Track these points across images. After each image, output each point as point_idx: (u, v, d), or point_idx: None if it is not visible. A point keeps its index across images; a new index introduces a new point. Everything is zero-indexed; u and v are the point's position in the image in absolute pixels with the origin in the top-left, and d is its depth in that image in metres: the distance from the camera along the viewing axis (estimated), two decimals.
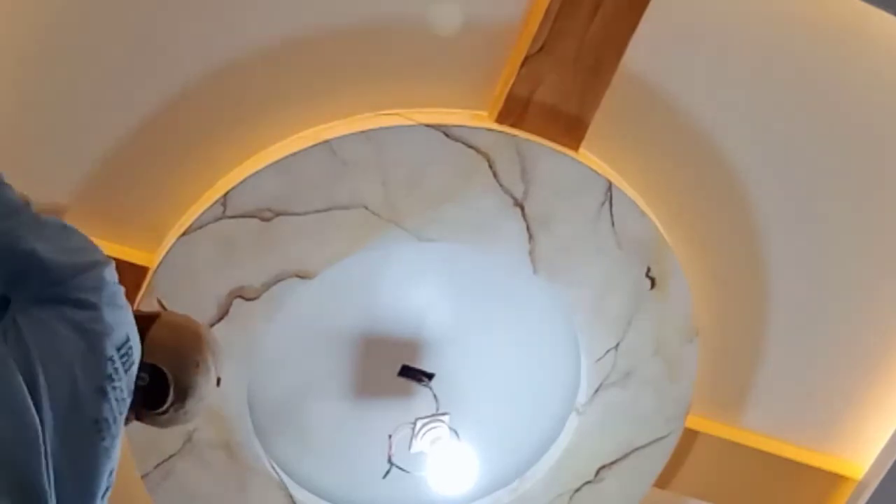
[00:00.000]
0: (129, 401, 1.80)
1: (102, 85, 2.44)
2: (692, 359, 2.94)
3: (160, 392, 1.90)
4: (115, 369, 1.75)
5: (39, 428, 1.64)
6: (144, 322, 1.93)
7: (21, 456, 1.62)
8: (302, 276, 2.60)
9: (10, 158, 2.48)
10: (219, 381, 2.00)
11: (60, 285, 1.71)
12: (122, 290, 1.80)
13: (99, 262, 1.78)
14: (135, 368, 1.82)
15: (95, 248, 1.80)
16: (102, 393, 1.73)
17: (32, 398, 1.64)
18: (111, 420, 1.75)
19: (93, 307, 1.73)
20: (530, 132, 2.61)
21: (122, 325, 1.78)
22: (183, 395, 1.91)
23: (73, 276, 1.72)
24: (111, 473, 1.83)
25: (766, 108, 2.73)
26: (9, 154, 2.48)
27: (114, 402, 1.75)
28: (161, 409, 1.92)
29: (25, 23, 2.34)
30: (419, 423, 2.87)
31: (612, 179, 2.68)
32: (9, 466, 1.61)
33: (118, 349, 1.77)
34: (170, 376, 1.90)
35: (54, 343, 1.68)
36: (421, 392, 2.89)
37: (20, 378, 1.63)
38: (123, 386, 1.78)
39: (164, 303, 2.54)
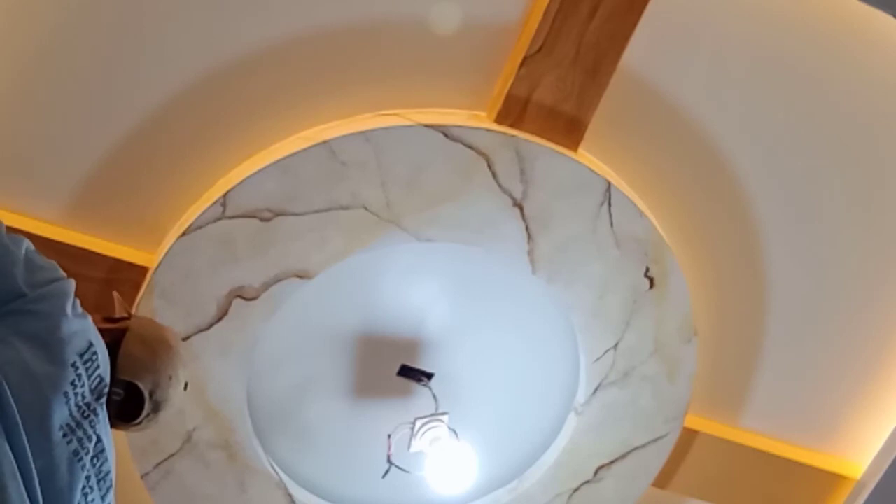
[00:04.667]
0: (95, 404, 1.83)
1: (102, 85, 2.44)
2: (691, 358, 2.94)
3: (135, 405, 1.94)
4: (79, 375, 1.78)
5: (10, 455, 1.65)
6: (115, 335, 1.95)
7: None
8: (302, 276, 2.61)
9: (10, 159, 2.49)
10: (186, 385, 2.04)
11: (19, 300, 1.73)
12: (78, 301, 1.83)
13: (58, 278, 1.81)
14: (100, 373, 1.84)
15: (55, 267, 1.84)
16: (67, 398, 1.75)
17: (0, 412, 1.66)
18: (74, 425, 1.77)
19: (50, 317, 1.75)
20: (529, 132, 2.61)
21: (82, 332, 1.81)
22: (157, 407, 1.96)
23: (33, 290, 1.74)
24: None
25: (765, 108, 2.74)
26: (9, 154, 2.48)
27: (74, 408, 1.77)
28: (135, 422, 1.96)
29: (24, 22, 2.35)
30: (418, 423, 2.87)
31: (611, 179, 2.69)
32: None
33: (80, 355, 1.79)
34: (145, 393, 1.93)
35: (15, 357, 1.69)
36: (420, 392, 2.90)
37: None
38: (86, 391, 1.80)
39: (164, 302, 2.54)
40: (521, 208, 2.66)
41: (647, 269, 2.80)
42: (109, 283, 2.54)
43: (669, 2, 2.56)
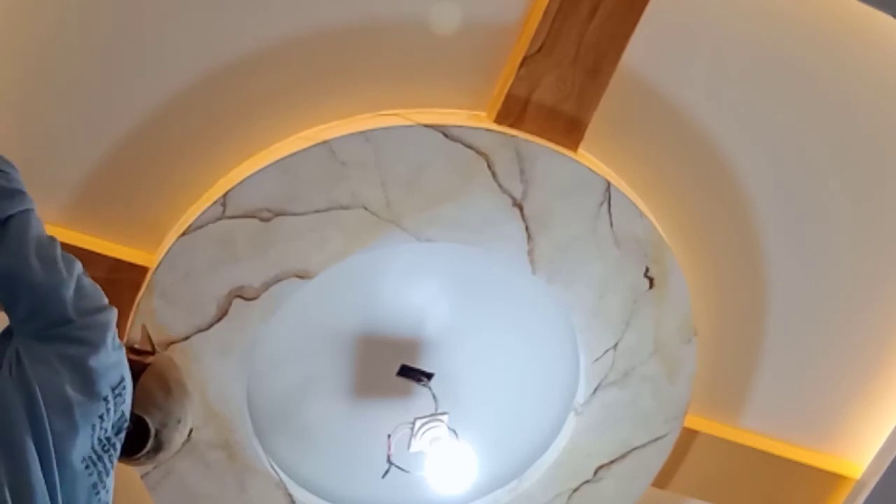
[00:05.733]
0: (115, 439, 1.85)
1: (102, 85, 2.44)
2: (691, 358, 2.94)
3: (138, 440, 1.96)
4: (108, 409, 1.81)
5: (42, 480, 1.69)
6: (136, 367, 1.97)
7: None
8: (301, 277, 2.61)
9: (10, 159, 2.49)
10: (190, 432, 2.06)
11: (66, 325, 1.76)
12: (116, 332, 1.86)
13: (104, 307, 1.85)
14: (124, 408, 1.86)
15: (101, 294, 1.87)
16: (93, 430, 1.78)
17: (34, 434, 1.68)
18: (96, 458, 1.80)
19: (93, 347, 1.78)
20: (529, 132, 2.61)
21: (117, 365, 1.85)
22: (158, 447, 2.00)
23: (80, 317, 1.77)
24: None
25: (765, 109, 2.74)
26: (9, 154, 2.48)
27: (96, 441, 1.80)
28: (135, 457, 1.98)
29: (24, 22, 2.35)
30: (418, 423, 2.87)
31: (611, 179, 2.69)
32: None
33: (112, 389, 1.83)
34: (152, 430, 1.96)
35: (54, 380, 1.72)
36: (420, 392, 2.90)
37: (26, 426, 1.68)
38: (109, 426, 1.83)
39: (164, 302, 2.54)
40: (521, 208, 2.66)
41: (647, 269, 2.80)
42: (109, 283, 2.53)
43: (669, 2, 2.56)
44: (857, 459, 3.25)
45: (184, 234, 2.50)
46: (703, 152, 2.77)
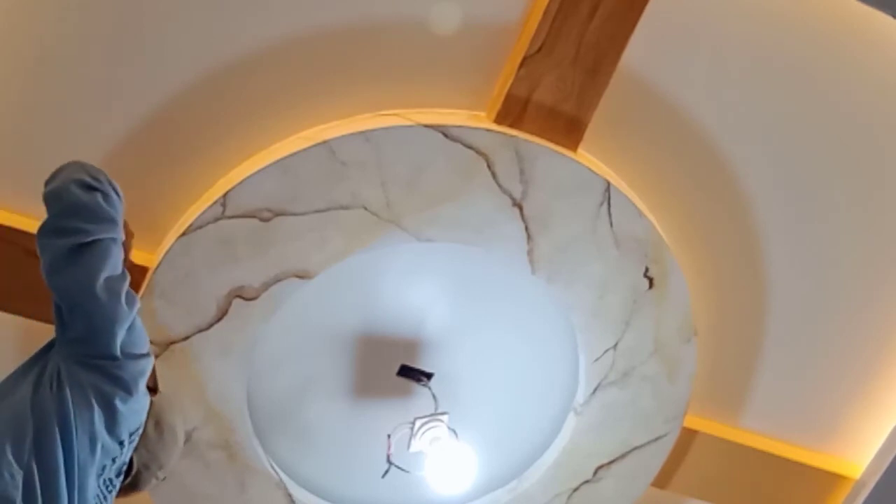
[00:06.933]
0: (116, 481, 1.89)
1: (102, 85, 2.44)
2: (691, 358, 2.95)
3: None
4: (122, 453, 1.86)
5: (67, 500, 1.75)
6: None
7: None
8: (301, 277, 2.61)
9: (10, 158, 2.49)
10: (164, 479, 2.11)
11: (109, 360, 1.79)
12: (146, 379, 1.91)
13: (146, 355, 1.89)
14: (130, 454, 1.90)
15: (147, 340, 1.91)
16: (103, 471, 1.83)
17: (65, 457, 1.74)
18: (102, 497, 1.87)
19: (125, 390, 1.83)
20: (529, 132, 2.61)
21: (139, 412, 1.90)
22: (134, 486, 2.02)
23: (124, 358, 1.81)
24: None
25: (765, 108, 2.74)
26: (9, 155, 2.48)
27: (101, 482, 1.86)
28: None
29: (24, 22, 2.35)
30: (418, 423, 2.87)
31: (611, 180, 2.69)
32: None
33: (130, 434, 1.89)
34: (134, 471, 2.00)
35: (89, 412, 1.78)
36: (420, 392, 2.90)
37: (60, 450, 1.74)
38: (115, 469, 1.89)
39: (164, 302, 2.54)
40: (521, 208, 2.66)
41: (647, 269, 2.80)
42: None
43: (669, 2, 2.56)
44: (856, 459, 3.25)
45: (184, 234, 2.50)
46: (703, 152, 2.77)
